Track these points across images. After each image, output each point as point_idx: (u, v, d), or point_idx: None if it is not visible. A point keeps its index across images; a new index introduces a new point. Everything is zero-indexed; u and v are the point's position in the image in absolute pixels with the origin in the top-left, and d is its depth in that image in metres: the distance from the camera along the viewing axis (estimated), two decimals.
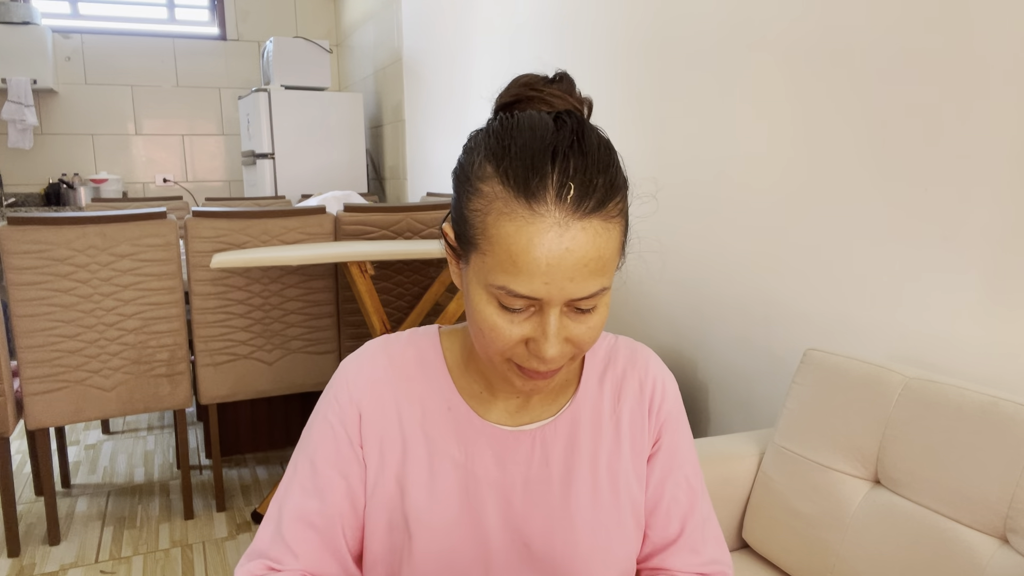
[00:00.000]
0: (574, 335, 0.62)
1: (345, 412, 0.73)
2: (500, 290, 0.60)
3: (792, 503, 1.25)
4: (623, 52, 2.06)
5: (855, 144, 1.37)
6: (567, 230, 0.57)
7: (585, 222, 0.58)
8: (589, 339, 0.63)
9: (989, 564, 0.97)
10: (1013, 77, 1.10)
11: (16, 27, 4.24)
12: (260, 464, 2.83)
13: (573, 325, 0.62)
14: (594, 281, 0.59)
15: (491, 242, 0.59)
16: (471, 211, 0.61)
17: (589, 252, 0.58)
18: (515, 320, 0.61)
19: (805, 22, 1.46)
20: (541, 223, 0.57)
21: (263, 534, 0.72)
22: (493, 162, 0.60)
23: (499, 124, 0.63)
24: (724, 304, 1.74)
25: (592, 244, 0.58)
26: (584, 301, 0.60)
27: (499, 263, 0.59)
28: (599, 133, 0.63)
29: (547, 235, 0.57)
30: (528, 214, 0.57)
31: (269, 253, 1.96)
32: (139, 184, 4.92)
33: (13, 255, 2.03)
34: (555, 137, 0.59)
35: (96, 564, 2.13)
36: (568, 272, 0.58)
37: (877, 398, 1.17)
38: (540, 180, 0.57)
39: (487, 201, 0.60)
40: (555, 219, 0.57)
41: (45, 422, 2.15)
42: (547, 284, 0.58)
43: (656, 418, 0.77)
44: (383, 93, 4.33)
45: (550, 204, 0.57)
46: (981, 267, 1.17)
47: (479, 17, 3.01)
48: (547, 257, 0.57)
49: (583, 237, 0.58)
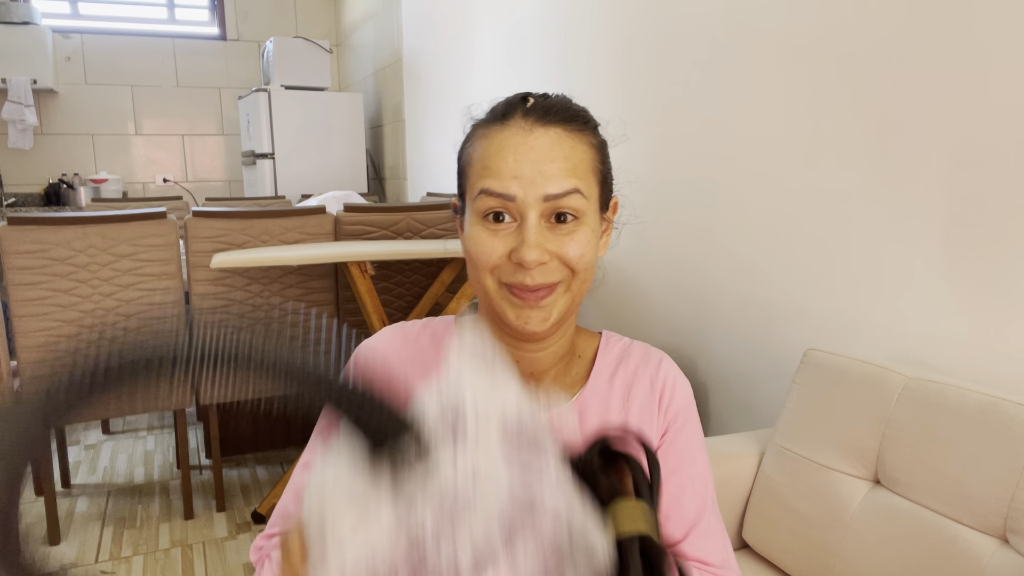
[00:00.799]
0: (559, 250, 0.67)
1: None
2: (481, 195, 0.67)
3: (792, 503, 1.25)
4: (621, 49, 2.06)
5: (855, 144, 1.37)
6: (531, 133, 0.67)
7: (547, 128, 0.67)
8: (577, 257, 0.67)
9: (989, 564, 0.97)
10: (1014, 77, 1.10)
11: (16, 27, 4.24)
12: (260, 464, 2.83)
13: (555, 238, 0.67)
14: (563, 180, 0.66)
15: (473, 164, 0.69)
16: (463, 152, 0.72)
17: (553, 150, 0.66)
18: (500, 234, 0.67)
19: (806, 22, 1.46)
20: (508, 130, 0.68)
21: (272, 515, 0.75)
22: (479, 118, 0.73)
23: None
24: (724, 304, 1.74)
25: (556, 144, 0.66)
26: (559, 202, 0.66)
27: (477, 173, 0.68)
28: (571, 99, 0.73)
29: (514, 138, 0.67)
30: (499, 127, 0.68)
31: (269, 253, 1.96)
32: (139, 184, 4.92)
33: (13, 255, 2.03)
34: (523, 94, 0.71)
35: (96, 564, 2.13)
36: (535, 166, 0.65)
37: (877, 398, 1.17)
38: (509, 107, 0.70)
39: (471, 139, 0.71)
40: (520, 126, 0.67)
41: None
42: (517, 178, 0.65)
43: (665, 414, 0.77)
44: (383, 93, 4.33)
45: (518, 118, 0.68)
46: (981, 267, 1.17)
47: (479, 17, 3.01)
48: (514, 154, 0.66)
49: (546, 138, 0.66)
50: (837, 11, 1.38)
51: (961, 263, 1.19)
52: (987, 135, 1.14)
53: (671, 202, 1.90)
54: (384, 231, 2.52)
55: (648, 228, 2.00)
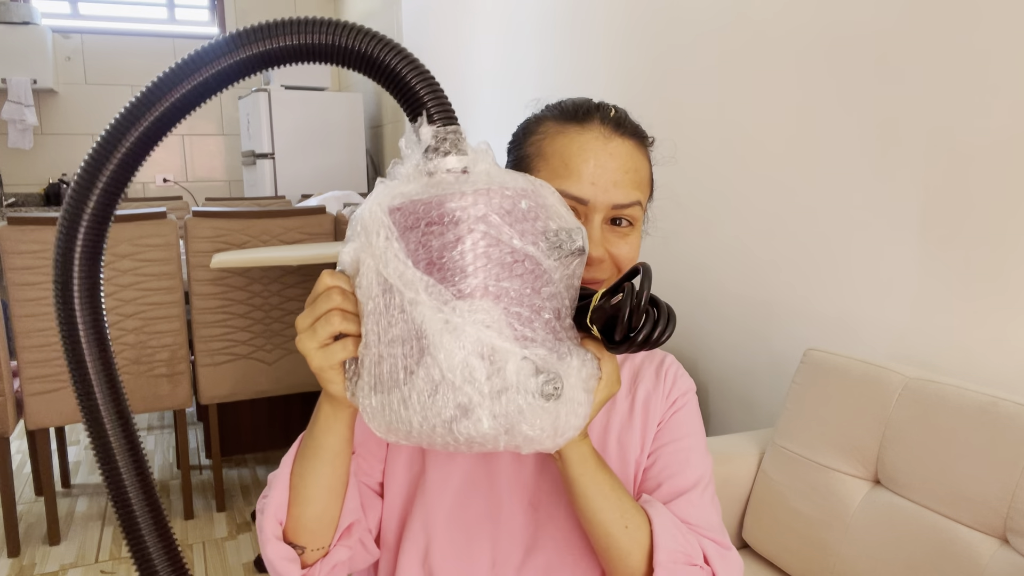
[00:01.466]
0: (613, 251, 0.71)
1: None
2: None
3: (792, 503, 1.25)
4: (622, 50, 2.06)
5: (855, 144, 1.37)
6: (610, 140, 0.70)
7: (623, 139, 0.71)
8: (627, 258, 0.72)
9: (989, 564, 0.97)
10: (1015, 76, 1.10)
11: (16, 27, 4.24)
12: (260, 464, 2.83)
13: (613, 239, 0.71)
14: (632, 191, 0.71)
15: (546, 158, 0.71)
16: (528, 144, 0.73)
17: (628, 161, 0.71)
18: None
19: (805, 23, 1.46)
20: (589, 134, 0.71)
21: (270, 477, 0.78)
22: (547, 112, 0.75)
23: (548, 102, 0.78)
24: (724, 304, 1.74)
25: (630, 156, 0.71)
26: (623, 211, 0.71)
27: (553, 171, 0.70)
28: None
29: (594, 142, 0.70)
30: (578, 128, 0.71)
31: (269, 253, 1.96)
32: (139, 184, 4.92)
33: (13, 255, 2.03)
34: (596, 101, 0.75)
35: (96, 564, 2.13)
36: (612, 176, 0.69)
37: (877, 398, 1.17)
38: (587, 111, 0.72)
39: (543, 133, 0.73)
40: (600, 131, 0.71)
41: (45, 422, 2.15)
42: (594, 185, 0.69)
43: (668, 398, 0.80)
44: (383, 93, 4.33)
45: (596, 123, 0.71)
46: (981, 267, 1.17)
47: (479, 17, 3.01)
48: (595, 159, 0.69)
49: (623, 148, 0.71)
50: (836, 13, 1.38)
51: (961, 263, 1.19)
52: (987, 136, 1.14)
53: (670, 201, 1.90)
54: None
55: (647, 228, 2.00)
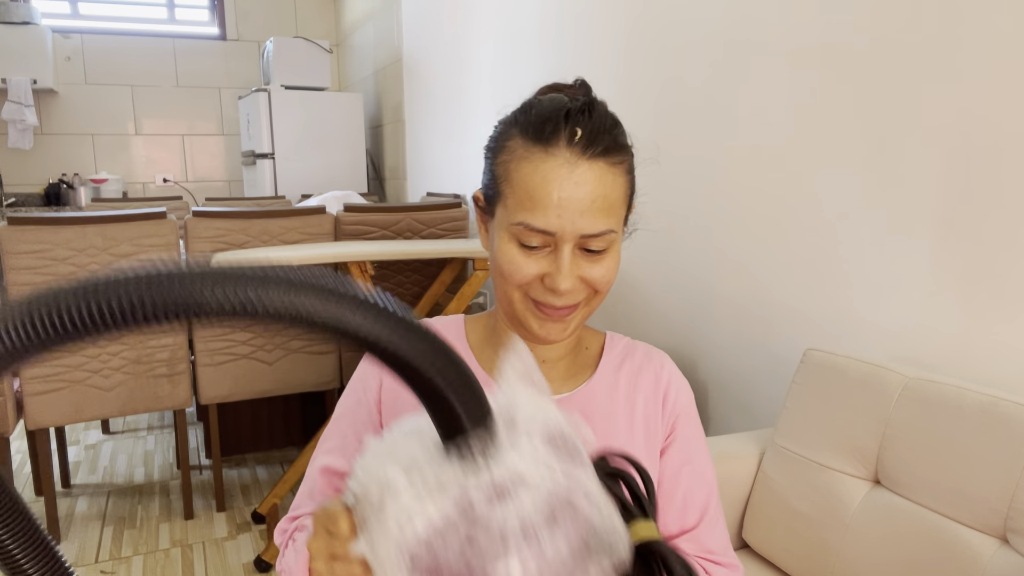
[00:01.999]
0: (587, 275, 0.69)
1: (368, 381, 0.79)
2: (519, 226, 0.68)
3: (792, 503, 1.25)
4: (622, 51, 2.06)
5: (854, 144, 1.37)
6: (576, 167, 0.66)
7: (592, 163, 0.67)
8: (602, 280, 0.70)
9: (989, 564, 0.97)
10: (1013, 76, 1.10)
11: (16, 27, 4.24)
12: (260, 464, 2.83)
13: (586, 265, 0.69)
14: (602, 219, 0.67)
15: (512, 185, 0.68)
16: (497, 164, 0.71)
17: (596, 190, 0.67)
18: (533, 257, 0.69)
19: (804, 24, 1.46)
20: (554, 161, 0.66)
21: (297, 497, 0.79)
22: (516, 125, 0.71)
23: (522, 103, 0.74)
24: (724, 304, 1.74)
25: (599, 182, 0.67)
26: (594, 240, 0.68)
27: (519, 202, 0.68)
28: (607, 108, 0.72)
29: (559, 171, 0.66)
30: (543, 155, 0.67)
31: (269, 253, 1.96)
32: (139, 184, 4.92)
33: (13, 255, 2.03)
34: (568, 104, 0.69)
35: (96, 564, 2.13)
36: (578, 206, 0.66)
37: (877, 398, 1.17)
38: (553, 128, 0.67)
39: (510, 152, 0.70)
40: (566, 158, 0.66)
41: (45, 422, 2.15)
42: (559, 217, 0.66)
43: (670, 411, 0.80)
44: (383, 93, 4.33)
45: (562, 147, 0.67)
46: (981, 267, 1.17)
47: (479, 17, 3.01)
48: (559, 191, 0.66)
49: (591, 175, 0.66)
50: (835, 12, 1.38)
51: (961, 263, 1.19)
52: (986, 135, 1.14)
53: (670, 202, 1.90)
54: (384, 231, 2.52)
55: (647, 228, 2.00)
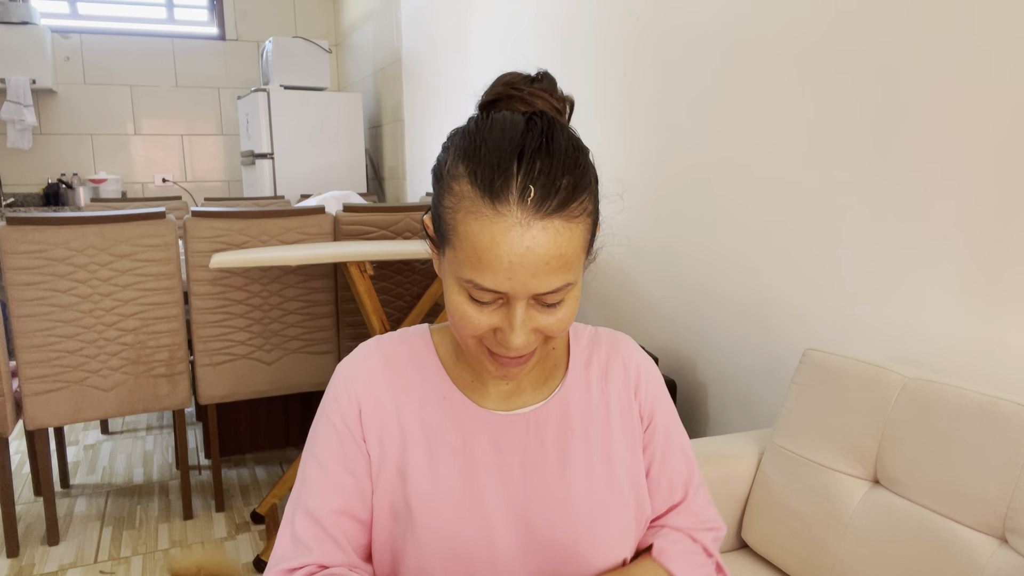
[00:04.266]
0: (542, 325, 0.65)
1: (345, 409, 0.76)
2: (468, 284, 0.63)
3: (791, 503, 1.25)
4: (622, 50, 2.06)
5: (854, 144, 1.37)
6: (528, 230, 0.60)
7: (546, 222, 0.60)
8: (557, 329, 0.66)
9: (988, 564, 0.97)
10: (1014, 76, 1.10)
11: (15, 27, 4.24)
12: (259, 464, 2.83)
13: (541, 316, 0.65)
14: (556, 277, 0.62)
15: (460, 238, 0.63)
16: (444, 208, 0.65)
17: (550, 251, 0.61)
18: (484, 311, 0.65)
19: (808, 19, 1.46)
20: (503, 222, 0.60)
21: (281, 541, 0.74)
22: (464, 162, 0.63)
23: (474, 124, 0.66)
24: (723, 304, 1.74)
25: (553, 243, 0.61)
26: (548, 296, 0.63)
27: (467, 259, 0.62)
28: (570, 133, 0.66)
29: (509, 234, 0.60)
30: (492, 214, 0.60)
31: (268, 253, 1.96)
32: (138, 184, 4.92)
33: (12, 255, 2.03)
34: (523, 139, 0.62)
35: (95, 564, 2.13)
36: (530, 269, 0.61)
37: (876, 398, 1.17)
38: (504, 181, 0.60)
39: (457, 199, 0.63)
40: (517, 219, 0.60)
41: (44, 422, 2.14)
42: (510, 280, 0.61)
43: (644, 401, 0.81)
44: (382, 93, 4.33)
45: (513, 205, 0.60)
46: (980, 267, 1.17)
47: (478, 17, 3.01)
48: (509, 255, 0.60)
49: (544, 237, 0.60)
50: (836, 11, 1.38)
51: (960, 262, 1.20)
52: (985, 134, 1.14)
53: (670, 202, 1.90)
54: (383, 231, 2.52)
55: (647, 228, 2.00)
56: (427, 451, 0.74)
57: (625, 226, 2.10)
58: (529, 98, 0.68)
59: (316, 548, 0.72)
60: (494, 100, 0.69)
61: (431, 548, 0.71)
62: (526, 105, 0.68)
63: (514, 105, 0.68)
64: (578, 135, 0.67)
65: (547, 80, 0.70)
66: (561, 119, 0.70)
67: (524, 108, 0.68)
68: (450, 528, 0.72)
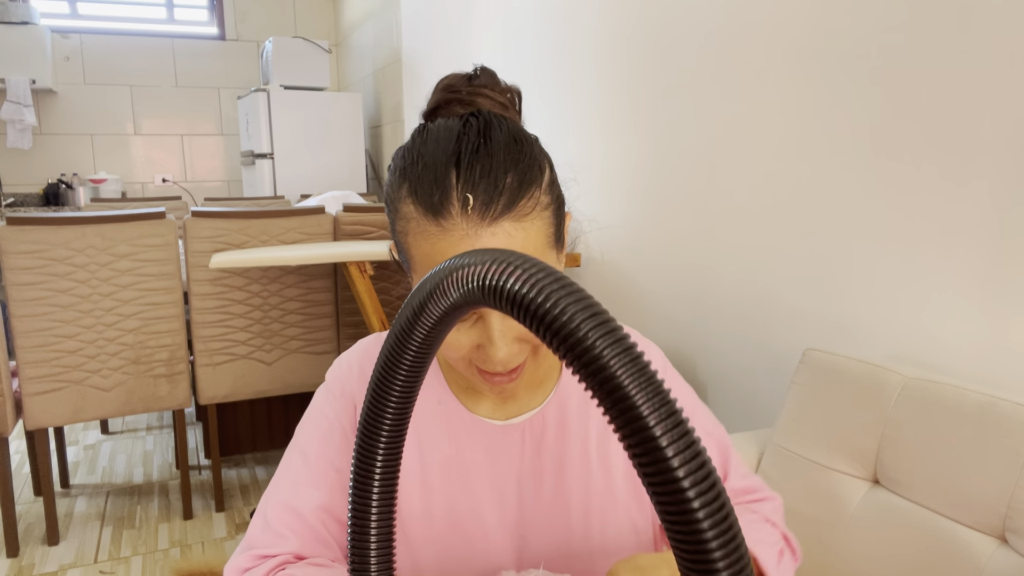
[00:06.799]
0: (523, 335, 0.61)
1: (339, 404, 0.74)
2: None
3: (791, 503, 1.25)
4: (622, 50, 2.06)
5: (854, 144, 1.37)
6: (477, 239, 0.57)
7: (495, 227, 0.57)
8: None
9: (988, 564, 0.97)
10: (1013, 76, 1.10)
11: (15, 27, 4.24)
12: (259, 464, 2.83)
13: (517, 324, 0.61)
14: None
15: (415, 261, 0.61)
16: (397, 233, 0.63)
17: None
18: (461, 329, 0.61)
19: (805, 20, 1.46)
20: (449, 237, 0.57)
21: (253, 527, 0.71)
22: (406, 181, 0.61)
23: (411, 140, 0.64)
24: (723, 304, 1.74)
25: (507, 243, 0.57)
26: None
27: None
28: (510, 127, 0.62)
29: (458, 247, 0.57)
30: (437, 230, 0.58)
31: (268, 253, 1.96)
32: (138, 184, 4.92)
33: (12, 255, 2.03)
34: (458, 145, 0.59)
35: (95, 564, 2.13)
36: None
37: (876, 398, 1.17)
38: (443, 194, 0.58)
39: (405, 222, 0.61)
40: (463, 231, 0.57)
41: (44, 422, 2.14)
42: None
43: None
44: (382, 93, 4.33)
45: (456, 217, 0.57)
46: (980, 267, 1.17)
47: (478, 16, 3.01)
48: None
49: (494, 243, 0.57)
50: (836, 9, 1.38)
51: (959, 262, 1.20)
52: (986, 134, 1.14)
53: (670, 201, 1.90)
54: (383, 231, 2.52)
55: (647, 228, 2.00)
56: (419, 458, 0.72)
57: (625, 226, 2.10)
58: (469, 98, 0.65)
59: (294, 539, 0.69)
60: (435, 108, 0.66)
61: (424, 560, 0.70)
62: (467, 107, 0.65)
63: (453, 109, 0.65)
64: (520, 126, 0.63)
65: (485, 75, 0.67)
66: (508, 113, 0.67)
67: (465, 110, 0.64)
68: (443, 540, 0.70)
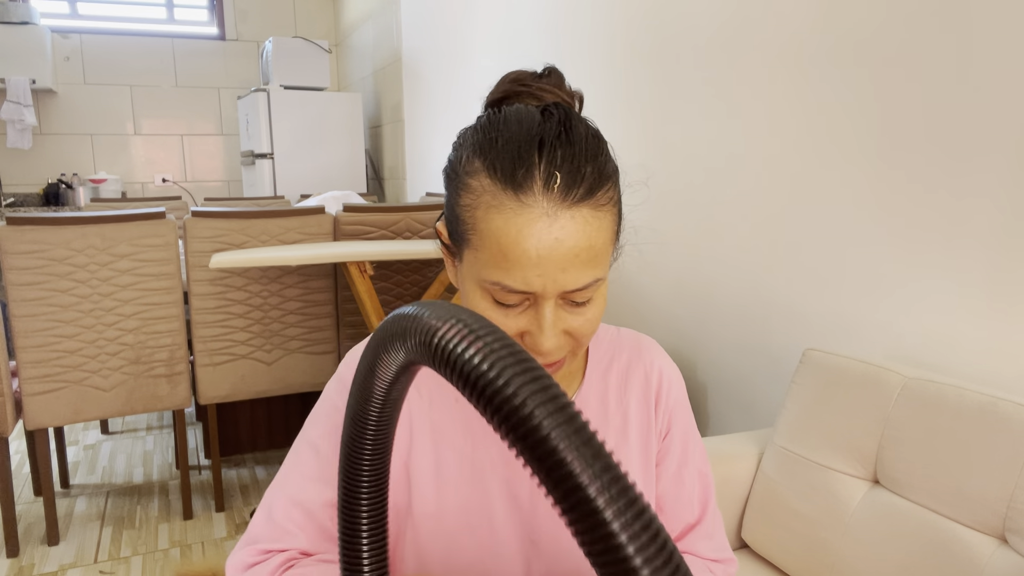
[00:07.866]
0: (572, 327, 0.61)
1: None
2: (494, 286, 0.59)
3: (792, 503, 1.25)
4: (622, 50, 2.06)
5: (854, 144, 1.37)
6: (556, 219, 0.56)
7: (574, 211, 0.57)
8: (587, 331, 0.63)
9: (988, 564, 0.97)
10: (1013, 76, 1.10)
11: (15, 27, 4.24)
12: (259, 464, 2.83)
13: (570, 317, 0.61)
14: (587, 272, 0.58)
15: (482, 237, 0.59)
16: (461, 207, 0.61)
17: (580, 241, 0.57)
18: (510, 315, 0.61)
19: (807, 20, 1.46)
20: (529, 213, 0.56)
21: (256, 521, 0.70)
22: (480, 156, 0.60)
23: (486, 119, 0.63)
24: (723, 304, 1.74)
25: (583, 233, 0.57)
26: (578, 293, 0.59)
27: (491, 258, 0.58)
28: (587, 123, 0.62)
29: (536, 225, 0.56)
30: (516, 205, 0.57)
31: (268, 253, 1.96)
32: (138, 184, 4.92)
33: (12, 255, 2.02)
34: (541, 128, 0.59)
35: (95, 564, 2.13)
36: (560, 263, 0.57)
37: (876, 398, 1.17)
38: (527, 170, 0.57)
39: (476, 195, 0.59)
40: (543, 209, 0.56)
41: (44, 422, 2.14)
42: (540, 276, 0.57)
43: (663, 410, 0.77)
44: (382, 93, 4.33)
45: (537, 194, 0.57)
46: (980, 267, 1.17)
47: (478, 17, 3.01)
48: (537, 248, 0.56)
49: (572, 226, 0.57)
50: (836, 11, 1.38)
51: (959, 262, 1.20)
52: (987, 134, 1.14)
53: (670, 202, 1.90)
54: (383, 231, 2.52)
55: (647, 228, 2.00)
56: (434, 453, 0.71)
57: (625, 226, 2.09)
58: (538, 93, 0.65)
59: (302, 535, 0.67)
60: (501, 98, 0.66)
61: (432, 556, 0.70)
62: (536, 100, 0.65)
63: (524, 100, 0.65)
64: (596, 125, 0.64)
65: (555, 76, 0.67)
66: None
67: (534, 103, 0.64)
68: (453, 538, 0.70)
